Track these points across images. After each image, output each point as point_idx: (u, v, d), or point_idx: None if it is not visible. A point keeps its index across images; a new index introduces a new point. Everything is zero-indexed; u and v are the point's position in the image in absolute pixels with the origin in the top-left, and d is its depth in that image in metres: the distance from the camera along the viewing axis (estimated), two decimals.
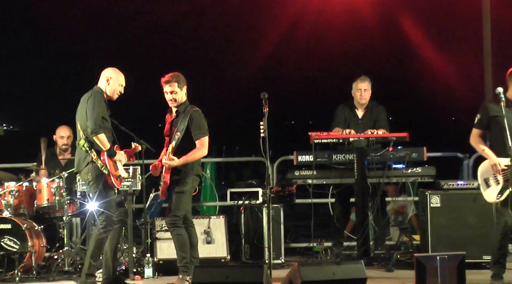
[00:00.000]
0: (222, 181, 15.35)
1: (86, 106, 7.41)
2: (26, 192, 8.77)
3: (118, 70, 7.72)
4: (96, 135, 7.31)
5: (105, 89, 7.60)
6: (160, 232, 8.70)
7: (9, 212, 8.59)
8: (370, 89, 9.13)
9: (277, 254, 8.94)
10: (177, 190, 7.65)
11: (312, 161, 8.77)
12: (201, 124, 7.73)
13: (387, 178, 8.73)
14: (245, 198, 9.16)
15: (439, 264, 6.78)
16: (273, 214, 8.78)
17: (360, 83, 9.11)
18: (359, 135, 8.71)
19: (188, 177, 7.67)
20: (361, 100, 9.11)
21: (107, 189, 7.46)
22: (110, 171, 7.38)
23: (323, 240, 9.09)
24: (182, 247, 7.65)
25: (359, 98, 9.11)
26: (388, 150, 8.67)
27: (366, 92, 9.10)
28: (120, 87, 7.68)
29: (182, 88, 7.77)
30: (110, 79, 7.62)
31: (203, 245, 8.68)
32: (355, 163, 8.69)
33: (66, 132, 9.41)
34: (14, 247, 8.40)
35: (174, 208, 7.65)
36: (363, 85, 9.09)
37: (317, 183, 8.90)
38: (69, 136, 9.39)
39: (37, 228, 8.67)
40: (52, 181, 8.76)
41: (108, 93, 7.61)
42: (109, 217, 7.45)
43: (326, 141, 8.71)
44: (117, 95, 7.69)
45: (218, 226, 8.93)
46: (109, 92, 7.61)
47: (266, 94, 7.62)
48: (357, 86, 9.13)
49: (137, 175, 8.47)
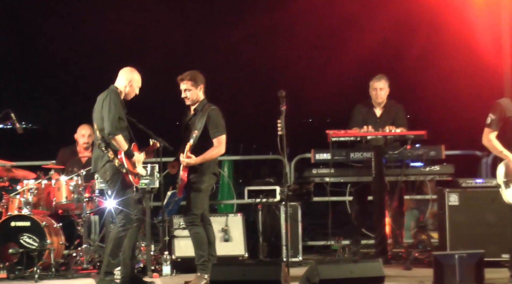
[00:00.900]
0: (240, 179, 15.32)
1: (102, 107, 7.43)
2: (45, 190, 8.83)
3: (137, 72, 7.74)
4: (114, 137, 7.33)
5: (124, 90, 7.62)
6: (178, 229, 8.73)
7: (28, 210, 8.64)
8: (387, 87, 9.09)
9: (294, 252, 8.95)
10: (194, 188, 7.67)
11: (330, 159, 8.77)
12: (219, 122, 7.73)
13: (405, 176, 8.71)
14: (263, 196, 9.16)
15: (458, 262, 6.76)
16: (291, 212, 8.78)
17: (375, 82, 9.09)
18: (377, 133, 8.69)
19: (205, 175, 7.69)
20: (377, 100, 9.09)
21: (125, 187, 7.49)
22: (128, 169, 7.41)
23: (340, 238, 9.09)
24: (200, 245, 7.67)
25: (375, 98, 9.09)
26: (406, 148, 8.65)
27: (382, 91, 9.07)
28: (138, 89, 7.72)
29: (197, 87, 7.77)
30: (132, 82, 7.64)
31: (220, 243, 8.70)
32: (372, 161, 8.68)
33: (87, 131, 9.45)
34: (33, 245, 8.45)
35: (192, 206, 7.67)
36: (379, 84, 9.06)
37: (334, 181, 8.90)
38: (90, 135, 9.42)
39: (55, 225, 8.73)
40: (71, 179, 8.81)
41: (126, 94, 7.63)
42: (128, 215, 7.48)
43: (343, 139, 8.70)
44: (132, 96, 7.73)
45: (236, 224, 8.95)
46: (128, 94, 7.64)
47: (283, 92, 7.62)
48: (372, 86, 9.11)
49: (155, 173, 8.50)
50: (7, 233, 8.47)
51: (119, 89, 7.61)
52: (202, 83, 7.81)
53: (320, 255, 9.49)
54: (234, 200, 10.92)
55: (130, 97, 7.69)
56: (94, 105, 7.59)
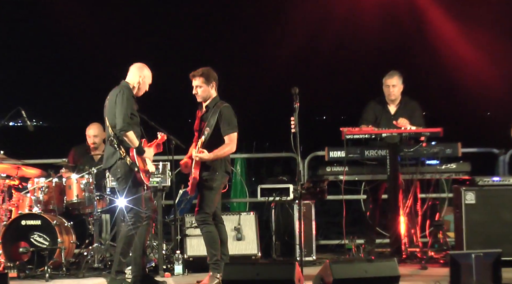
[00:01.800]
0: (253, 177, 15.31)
1: (114, 103, 7.44)
2: (55, 188, 8.85)
3: (148, 68, 7.74)
4: (125, 133, 7.33)
5: (136, 86, 7.62)
6: (190, 228, 8.72)
7: (39, 208, 8.67)
8: (400, 84, 9.04)
9: (308, 251, 8.94)
10: (206, 186, 7.65)
11: (344, 156, 8.74)
12: (231, 120, 7.72)
13: (420, 174, 8.67)
14: (276, 194, 9.15)
15: (474, 262, 6.72)
16: (304, 210, 8.77)
17: (388, 79, 9.03)
18: (391, 130, 8.66)
19: (217, 173, 7.67)
20: (390, 97, 9.04)
21: (136, 185, 7.48)
22: (139, 167, 7.41)
23: (355, 237, 9.07)
24: (212, 244, 7.66)
25: (388, 95, 9.04)
26: (421, 145, 8.61)
27: (395, 88, 9.01)
28: (148, 85, 7.73)
29: (209, 84, 7.75)
30: (145, 78, 7.66)
31: (233, 242, 8.69)
32: (387, 159, 8.64)
33: (95, 131, 9.44)
34: (44, 243, 8.46)
35: (203, 204, 7.66)
36: (391, 81, 9.01)
37: (349, 179, 8.87)
38: (96, 136, 9.42)
39: (66, 224, 8.74)
40: (82, 177, 8.82)
41: (137, 91, 7.64)
42: (137, 214, 7.48)
43: (358, 137, 8.67)
44: (142, 93, 7.73)
45: (249, 223, 8.94)
46: (139, 90, 7.65)
47: (297, 89, 7.60)
48: (385, 83, 9.06)
49: (166, 171, 8.50)
50: (18, 231, 8.49)
51: (131, 85, 7.61)
52: (215, 80, 7.80)
53: (334, 254, 9.47)
54: (247, 198, 10.91)
55: (141, 93, 7.70)
56: (105, 101, 7.60)
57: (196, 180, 7.63)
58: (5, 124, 8.98)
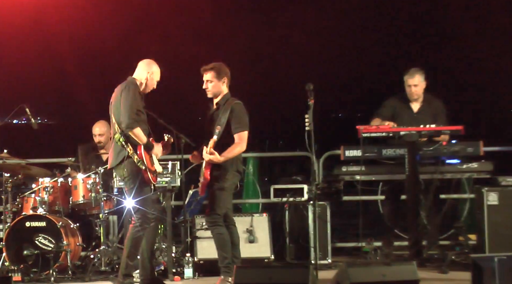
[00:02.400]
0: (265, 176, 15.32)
1: (120, 99, 7.44)
2: (61, 188, 8.88)
3: (156, 64, 7.75)
4: (132, 130, 7.34)
5: (143, 83, 7.63)
6: (200, 230, 8.73)
7: (44, 209, 8.69)
8: (422, 82, 9.00)
9: (323, 254, 8.93)
10: (217, 187, 7.65)
11: (360, 155, 8.71)
12: (241, 118, 7.70)
13: (441, 173, 8.64)
14: (290, 195, 9.13)
15: (497, 265, 6.68)
16: (319, 211, 8.76)
17: (409, 79, 8.99)
18: (410, 128, 8.62)
19: (228, 173, 7.66)
20: (412, 96, 9.01)
21: (143, 185, 7.49)
22: (147, 166, 7.41)
23: (372, 239, 9.05)
24: (223, 247, 7.65)
25: (410, 95, 9.02)
26: (441, 144, 8.58)
27: (417, 87, 8.98)
28: (156, 82, 7.73)
29: (220, 79, 7.75)
30: (152, 74, 7.66)
31: (245, 244, 8.69)
32: (406, 158, 8.61)
33: (100, 129, 9.45)
34: (49, 246, 8.49)
35: (214, 205, 7.65)
36: (413, 80, 8.97)
37: (365, 179, 8.85)
38: (102, 134, 9.42)
39: (72, 226, 8.76)
40: (88, 177, 8.83)
41: (145, 87, 7.64)
42: (145, 215, 7.48)
43: (375, 135, 8.64)
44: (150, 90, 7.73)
45: (261, 224, 8.94)
46: (147, 87, 7.65)
47: (311, 86, 7.58)
48: (407, 82, 9.02)
49: (176, 170, 8.50)
50: (22, 233, 8.53)
51: (138, 81, 7.62)
52: (226, 76, 7.79)
53: (351, 257, 9.46)
54: (260, 199, 10.90)
55: (148, 90, 7.71)
56: (111, 98, 7.61)
57: (206, 180, 7.63)
58: (9, 122, 9.01)
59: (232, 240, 7.73)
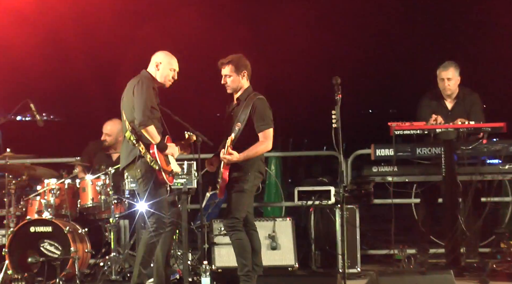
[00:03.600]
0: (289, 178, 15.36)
1: (132, 94, 7.45)
2: (68, 191, 8.91)
3: (169, 53, 7.75)
4: (145, 127, 7.33)
5: (155, 75, 7.64)
6: (218, 236, 8.75)
7: (50, 213, 8.72)
8: (456, 76, 8.97)
9: (352, 262, 8.91)
10: (236, 189, 7.65)
11: (393, 155, 8.70)
12: (265, 114, 7.70)
13: (480, 175, 8.60)
14: (315, 198, 9.13)
15: None
16: (347, 216, 8.76)
17: (442, 71, 8.96)
18: (447, 125, 8.60)
19: (249, 173, 7.66)
20: (446, 92, 8.98)
21: (158, 187, 7.50)
22: (161, 166, 7.41)
23: (405, 246, 9.01)
24: (243, 253, 7.65)
25: (443, 89, 8.99)
26: (481, 142, 8.55)
27: (451, 81, 8.95)
28: (173, 72, 7.70)
29: (239, 73, 7.74)
30: (160, 64, 7.65)
31: (267, 251, 8.70)
32: (442, 158, 8.59)
33: (111, 129, 9.47)
34: (55, 253, 8.53)
35: (233, 208, 7.65)
36: (446, 74, 8.94)
37: (398, 180, 8.83)
38: (109, 134, 9.45)
39: (80, 231, 8.79)
40: (97, 178, 8.86)
41: (158, 80, 7.65)
42: (160, 219, 7.49)
43: (408, 132, 8.63)
44: (169, 82, 7.71)
45: (285, 230, 8.95)
46: (159, 78, 7.65)
47: (339, 79, 7.57)
48: (439, 75, 9.00)
49: (192, 171, 8.51)
50: (26, 239, 8.56)
51: (151, 75, 7.63)
52: (246, 69, 7.78)
53: (382, 265, 9.44)
54: (283, 202, 10.91)
55: (167, 84, 7.69)
56: (123, 93, 7.62)
57: (225, 181, 7.63)
58: (12, 118, 9.06)
59: (253, 246, 7.72)
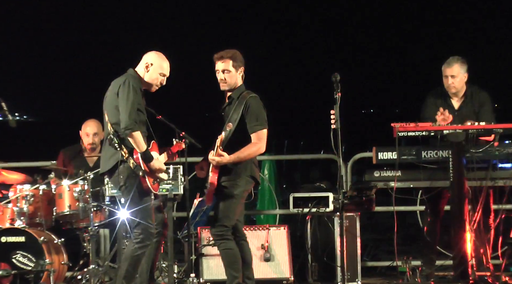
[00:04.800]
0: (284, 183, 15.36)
1: (117, 94, 7.41)
2: (43, 197, 8.87)
3: (163, 56, 7.69)
4: (131, 132, 7.28)
5: (143, 76, 7.60)
6: (206, 246, 8.74)
7: (23, 222, 8.70)
8: (462, 73, 8.95)
9: (352, 275, 8.91)
10: (226, 194, 7.63)
11: (396, 158, 8.69)
12: (259, 114, 7.69)
13: (492, 180, 8.60)
14: (312, 205, 9.12)
15: None
16: (347, 224, 8.74)
17: (447, 68, 8.94)
18: (455, 126, 8.59)
19: (240, 178, 7.65)
20: (450, 90, 8.98)
21: (143, 194, 7.46)
22: (145, 172, 7.38)
23: (410, 257, 9.01)
24: (232, 264, 7.62)
25: (447, 87, 8.98)
26: (492, 145, 8.55)
27: (456, 78, 8.94)
28: (162, 77, 7.65)
29: (237, 69, 7.74)
30: (151, 66, 7.61)
31: (260, 263, 8.71)
32: (450, 162, 8.58)
33: (92, 129, 9.47)
34: (28, 265, 8.50)
35: (222, 216, 7.63)
36: (451, 71, 8.92)
37: (402, 186, 8.82)
38: (96, 134, 9.45)
39: (56, 241, 8.76)
40: (75, 184, 8.83)
41: (146, 83, 7.60)
42: (146, 229, 7.45)
43: (413, 134, 8.61)
44: (156, 87, 7.66)
45: (279, 240, 8.96)
46: (147, 80, 7.61)
47: (338, 76, 7.56)
48: (444, 72, 8.98)
49: (178, 176, 8.49)
50: None
51: (138, 75, 7.58)
52: (242, 65, 7.79)
53: (384, 278, 9.46)
54: (277, 209, 10.90)
55: (153, 89, 7.62)
56: (106, 92, 7.58)
57: (213, 186, 7.61)
58: None
59: (244, 257, 7.70)
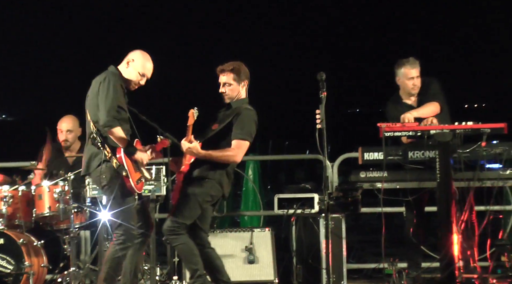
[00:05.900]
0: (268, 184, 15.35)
1: (97, 92, 7.41)
2: (22, 198, 8.85)
3: (148, 56, 7.70)
4: (110, 129, 7.30)
5: (123, 73, 7.60)
6: None
7: (2, 223, 8.68)
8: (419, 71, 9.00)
9: (337, 277, 8.93)
10: (187, 192, 7.61)
11: (382, 159, 8.71)
12: (246, 125, 7.70)
13: (479, 181, 8.64)
14: (297, 206, 9.14)
15: None
16: (333, 226, 8.76)
17: (410, 69, 8.93)
18: (442, 126, 8.62)
19: (206, 179, 7.64)
20: (413, 90, 8.99)
21: (125, 195, 7.46)
22: (128, 172, 7.38)
23: (396, 259, 9.04)
24: (190, 258, 7.58)
25: (410, 89, 8.98)
26: (480, 145, 8.57)
27: (419, 79, 8.98)
28: (142, 77, 7.65)
29: (240, 83, 7.79)
30: (132, 62, 7.62)
31: (244, 265, 8.72)
32: (437, 162, 8.61)
33: (67, 125, 9.45)
34: (7, 268, 8.49)
35: (177, 211, 7.60)
36: (416, 71, 8.92)
37: (388, 187, 8.84)
38: (70, 130, 9.42)
39: (36, 243, 8.75)
40: (55, 185, 8.82)
41: (127, 80, 7.60)
42: (128, 230, 7.45)
43: (399, 134, 8.64)
44: (134, 86, 7.67)
45: (263, 241, 8.97)
46: (125, 76, 7.61)
47: (323, 75, 7.58)
48: (406, 74, 8.95)
49: (161, 176, 8.49)
50: None
51: (119, 72, 7.58)
52: (247, 79, 7.86)
53: (370, 281, 9.47)
54: (261, 211, 10.91)
55: (131, 87, 7.63)
56: (88, 91, 7.58)
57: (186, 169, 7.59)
58: None
59: (215, 264, 7.67)
